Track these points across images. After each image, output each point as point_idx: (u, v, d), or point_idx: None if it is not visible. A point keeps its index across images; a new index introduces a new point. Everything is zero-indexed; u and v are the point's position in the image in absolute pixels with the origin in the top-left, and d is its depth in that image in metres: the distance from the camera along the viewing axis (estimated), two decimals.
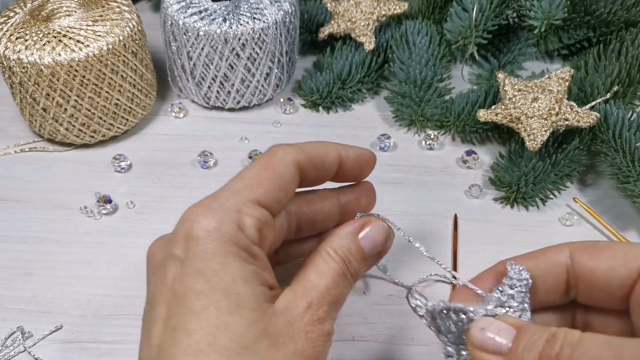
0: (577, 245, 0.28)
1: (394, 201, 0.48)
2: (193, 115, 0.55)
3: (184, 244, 0.27)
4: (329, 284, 0.28)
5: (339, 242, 0.30)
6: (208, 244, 0.26)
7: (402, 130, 0.54)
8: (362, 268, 0.31)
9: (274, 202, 0.29)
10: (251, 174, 0.29)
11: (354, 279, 0.30)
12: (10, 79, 0.47)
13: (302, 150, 0.31)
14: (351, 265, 0.30)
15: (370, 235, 0.31)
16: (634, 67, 0.50)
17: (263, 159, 0.30)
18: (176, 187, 0.48)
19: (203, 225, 0.27)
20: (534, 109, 0.46)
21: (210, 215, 0.27)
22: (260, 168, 0.29)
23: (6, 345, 0.38)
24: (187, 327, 0.25)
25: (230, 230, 0.27)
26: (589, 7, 0.56)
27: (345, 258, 0.29)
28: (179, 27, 0.50)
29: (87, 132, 0.50)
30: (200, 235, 0.26)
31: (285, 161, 0.30)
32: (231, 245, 0.26)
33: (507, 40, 0.59)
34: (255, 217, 0.28)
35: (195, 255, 0.26)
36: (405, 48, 0.55)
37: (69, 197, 0.47)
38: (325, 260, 0.29)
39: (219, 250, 0.26)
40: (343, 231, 0.31)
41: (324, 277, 0.28)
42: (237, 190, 0.28)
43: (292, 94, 0.58)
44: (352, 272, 0.30)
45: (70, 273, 0.42)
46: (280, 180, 0.29)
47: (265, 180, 0.29)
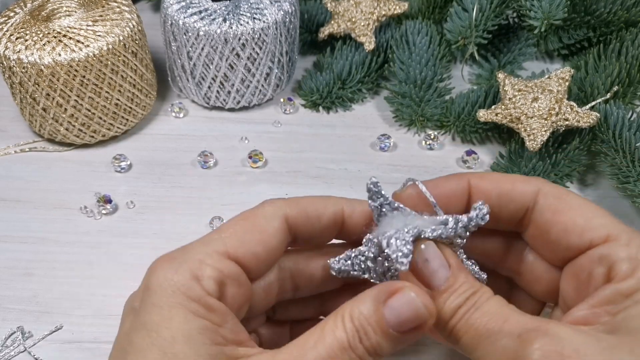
0: (548, 190, 0.28)
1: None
2: (193, 115, 0.55)
3: (141, 296, 0.26)
4: (321, 355, 0.24)
5: (358, 308, 0.25)
6: (158, 295, 0.25)
7: (402, 130, 0.54)
8: (386, 345, 0.25)
9: (250, 256, 0.27)
10: (228, 225, 0.27)
11: (371, 355, 0.24)
12: (10, 79, 0.47)
13: (295, 204, 0.29)
14: (367, 339, 0.24)
15: (397, 307, 0.24)
16: (634, 67, 0.50)
17: (247, 211, 0.28)
18: (176, 187, 0.48)
19: (159, 275, 0.25)
20: (534, 109, 0.46)
21: (168, 266, 0.26)
22: (239, 219, 0.28)
23: (6, 345, 0.38)
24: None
25: (183, 280, 0.25)
26: (589, 7, 0.56)
27: (360, 328, 0.24)
28: (179, 27, 0.50)
29: (87, 132, 0.50)
30: (153, 286, 0.25)
31: (270, 214, 0.28)
32: (180, 296, 0.24)
33: (507, 40, 0.59)
34: (217, 268, 0.26)
35: (145, 308, 0.25)
36: (405, 48, 0.55)
37: (69, 197, 0.47)
38: (332, 326, 0.25)
39: (166, 302, 0.24)
40: (366, 295, 0.25)
41: (320, 346, 0.24)
42: (208, 242, 0.27)
43: (292, 94, 0.58)
44: (368, 347, 0.24)
45: (70, 273, 0.42)
46: (260, 234, 0.27)
47: (240, 232, 0.27)
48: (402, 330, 0.24)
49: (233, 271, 0.26)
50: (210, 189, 0.48)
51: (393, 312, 0.24)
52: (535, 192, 0.28)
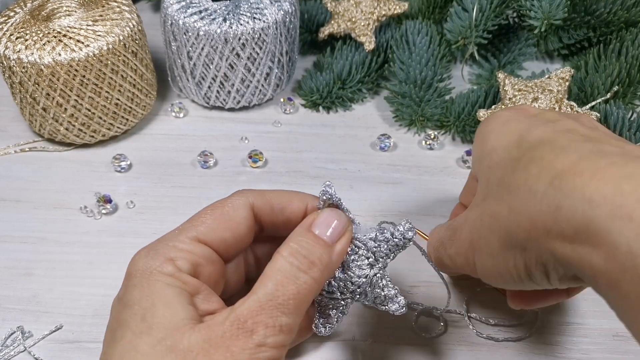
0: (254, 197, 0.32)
1: (394, 201, 0.48)
2: (193, 115, 0.55)
3: (124, 283, 0.29)
4: (269, 288, 0.27)
5: (293, 240, 0.29)
6: (137, 279, 0.28)
7: (402, 130, 0.54)
8: (327, 254, 0.29)
9: (219, 241, 0.30)
10: (199, 214, 0.31)
11: (318, 266, 0.28)
12: (10, 78, 0.47)
13: (261, 196, 0.32)
14: (311, 254, 0.28)
15: (322, 221, 0.30)
16: (634, 67, 0.50)
17: (217, 201, 0.32)
18: (176, 187, 0.48)
19: (137, 263, 0.29)
20: None
21: (145, 254, 0.29)
22: (209, 209, 0.31)
23: (6, 345, 0.38)
24: (111, 356, 0.26)
25: (158, 262, 0.28)
26: (589, 7, 0.56)
27: (301, 249, 0.28)
28: (179, 27, 0.50)
29: (87, 132, 0.50)
30: (132, 272, 0.28)
31: (237, 203, 0.31)
32: (157, 275, 0.28)
33: (507, 40, 0.59)
34: (189, 250, 0.29)
35: (127, 292, 0.28)
36: (405, 48, 0.55)
37: (69, 197, 0.47)
38: (272, 263, 0.28)
39: (145, 281, 0.28)
40: (294, 231, 0.30)
41: (267, 282, 0.27)
42: (180, 230, 0.30)
43: (292, 93, 0.58)
44: (314, 260, 0.28)
45: (70, 273, 0.42)
46: (228, 222, 0.31)
47: (208, 220, 0.30)
48: (334, 239, 0.30)
49: (205, 252, 0.30)
50: (210, 189, 0.48)
51: (321, 227, 0.30)
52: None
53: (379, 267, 0.32)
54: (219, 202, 0.32)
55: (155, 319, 0.26)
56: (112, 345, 0.27)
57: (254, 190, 0.32)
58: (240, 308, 0.26)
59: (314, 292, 0.28)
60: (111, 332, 0.28)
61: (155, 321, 0.26)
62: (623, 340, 0.39)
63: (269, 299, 0.27)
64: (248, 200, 0.31)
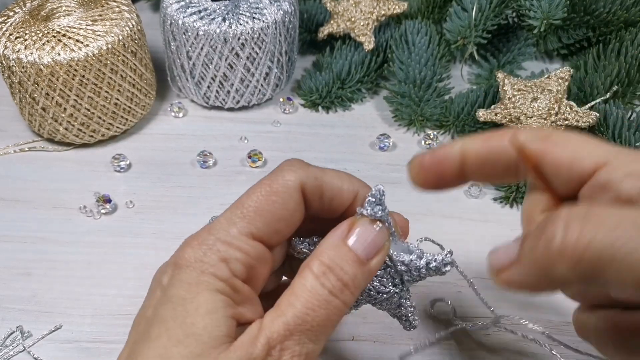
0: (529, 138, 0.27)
1: (393, 201, 0.47)
2: (192, 115, 0.55)
3: (170, 272, 0.27)
4: (299, 311, 0.25)
5: (324, 252, 0.26)
6: (186, 274, 0.26)
7: (402, 130, 0.54)
8: (361, 274, 0.27)
9: (273, 234, 0.27)
10: (251, 200, 0.27)
11: (350, 289, 0.26)
12: (10, 78, 0.47)
13: (313, 177, 0.28)
14: (345, 273, 0.26)
15: (360, 234, 0.27)
16: (634, 67, 0.50)
17: (267, 182, 0.28)
18: (175, 186, 0.48)
19: (188, 255, 0.26)
20: (534, 109, 0.46)
21: (198, 246, 0.27)
22: (260, 194, 0.27)
23: (5, 345, 0.38)
24: (141, 354, 0.25)
25: (211, 261, 0.26)
26: (589, 7, 0.56)
27: (334, 267, 0.26)
28: (179, 27, 0.50)
29: (86, 132, 0.50)
30: (182, 264, 0.26)
31: (290, 187, 0.28)
32: (208, 276, 0.26)
33: (507, 40, 0.59)
34: (244, 251, 0.26)
35: (173, 284, 0.26)
36: (405, 48, 0.55)
37: (69, 197, 0.47)
38: (302, 278, 0.26)
39: (194, 280, 0.26)
40: (327, 239, 0.27)
41: (295, 301, 0.25)
42: (233, 221, 0.27)
43: (292, 93, 0.58)
44: (347, 281, 0.26)
45: (70, 273, 0.42)
46: (282, 210, 0.27)
47: (264, 212, 0.27)
48: (370, 255, 0.27)
49: (259, 252, 0.27)
50: (210, 189, 0.48)
51: (358, 240, 0.27)
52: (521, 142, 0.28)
53: (401, 287, 0.30)
54: (269, 181, 0.28)
55: (194, 328, 0.24)
56: (144, 342, 0.25)
57: (305, 166, 0.29)
58: (270, 330, 0.25)
59: (343, 315, 0.27)
60: (146, 326, 0.26)
61: (194, 331, 0.24)
62: None
63: (298, 323, 0.25)
64: (300, 181, 0.28)
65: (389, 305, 0.31)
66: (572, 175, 0.26)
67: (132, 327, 0.27)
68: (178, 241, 0.29)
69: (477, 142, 0.28)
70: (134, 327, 0.27)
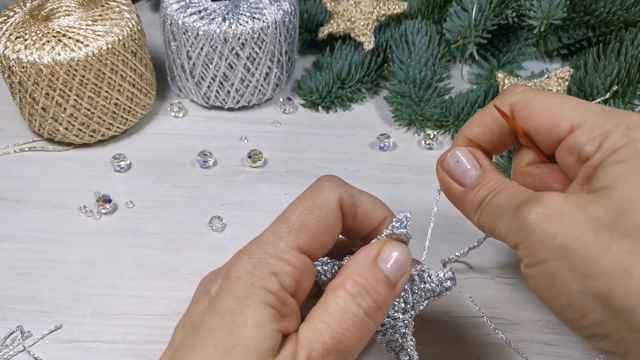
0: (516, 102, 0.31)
1: (393, 201, 0.48)
2: (192, 115, 0.55)
3: (220, 283, 0.27)
4: (337, 331, 0.25)
5: (358, 272, 0.27)
6: (236, 285, 0.26)
7: (402, 130, 0.54)
8: (391, 296, 0.27)
9: (318, 247, 0.28)
10: (295, 215, 0.28)
11: (383, 311, 0.27)
12: (10, 78, 0.47)
13: (349, 195, 0.29)
14: (379, 295, 0.27)
15: (390, 256, 0.28)
16: (634, 67, 0.50)
17: (309, 197, 0.29)
18: (175, 186, 0.48)
19: (239, 267, 0.27)
20: None
21: (248, 260, 0.27)
22: (304, 209, 0.28)
23: (6, 345, 0.38)
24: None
25: (261, 274, 0.26)
26: (589, 6, 0.56)
27: (369, 288, 0.27)
28: (179, 27, 0.50)
29: (86, 132, 0.50)
30: (232, 276, 0.26)
31: (331, 201, 0.28)
32: (258, 289, 0.26)
33: (507, 40, 0.59)
34: (294, 265, 0.27)
35: (222, 294, 0.26)
36: (405, 48, 0.55)
37: (69, 197, 0.47)
38: (336, 297, 0.26)
39: (244, 291, 0.26)
40: (359, 260, 0.28)
41: (332, 321, 0.26)
42: (280, 235, 0.27)
43: (292, 93, 0.58)
44: (381, 303, 0.27)
45: (70, 273, 0.42)
46: (325, 225, 0.28)
47: (308, 225, 0.28)
48: (397, 277, 0.28)
49: (307, 266, 0.28)
50: (210, 189, 0.48)
51: (388, 262, 0.28)
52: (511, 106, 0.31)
53: (410, 314, 0.30)
54: (310, 196, 0.29)
55: (242, 339, 0.25)
56: (190, 349, 0.25)
57: (342, 184, 0.30)
58: (309, 348, 0.25)
59: (372, 335, 0.27)
60: (193, 329, 0.26)
61: (242, 342, 0.25)
62: None
63: (335, 344, 0.25)
64: (339, 197, 0.29)
65: (393, 335, 0.31)
66: (552, 138, 0.29)
67: (176, 331, 0.27)
68: (178, 241, 0.29)
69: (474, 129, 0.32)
70: (178, 331, 0.27)
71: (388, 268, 0.27)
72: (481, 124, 0.32)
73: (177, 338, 0.27)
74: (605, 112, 0.28)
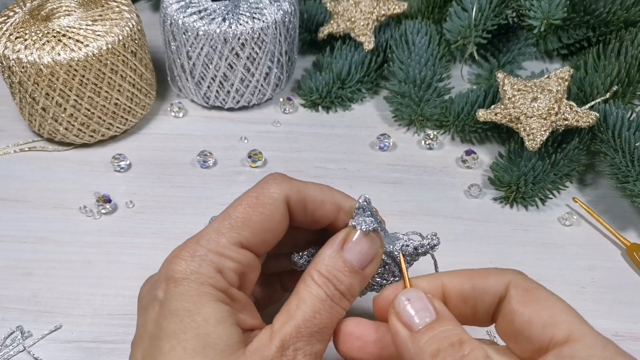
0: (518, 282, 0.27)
1: (393, 201, 0.48)
2: (192, 115, 0.55)
3: (164, 286, 0.27)
4: (307, 314, 0.27)
5: (322, 262, 0.28)
6: (185, 286, 0.26)
7: (402, 129, 0.54)
8: (356, 282, 0.29)
9: (260, 243, 0.29)
10: (238, 212, 0.28)
11: (347, 297, 0.28)
12: (10, 78, 0.47)
13: (296, 190, 0.30)
14: (341, 283, 0.28)
15: (354, 246, 0.29)
16: (634, 67, 0.50)
17: (253, 195, 0.29)
18: (175, 186, 0.48)
19: (182, 267, 0.27)
20: (534, 109, 0.46)
21: (190, 258, 0.27)
22: (247, 206, 0.28)
23: (6, 345, 0.38)
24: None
25: (208, 273, 0.27)
26: (589, 6, 0.56)
27: (332, 278, 0.28)
28: (179, 27, 0.50)
29: (86, 132, 0.50)
30: (178, 277, 0.27)
31: (276, 199, 0.29)
32: (208, 287, 0.26)
33: (507, 40, 0.59)
34: (237, 260, 0.28)
35: (172, 297, 0.26)
36: (405, 48, 0.55)
37: (69, 197, 0.47)
38: (307, 286, 0.28)
39: (195, 291, 0.26)
40: (325, 251, 0.29)
41: (303, 306, 0.27)
42: (222, 231, 0.28)
43: (292, 93, 0.58)
44: (344, 290, 0.28)
45: (70, 273, 0.42)
46: (269, 222, 0.29)
47: (251, 222, 0.28)
48: (364, 264, 0.29)
49: (250, 261, 0.28)
50: (210, 189, 0.48)
51: (352, 251, 0.29)
52: (507, 282, 0.28)
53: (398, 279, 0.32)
54: (255, 193, 0.29)
55: (209, 338, 0.25)
56: (157, 357, 0.25)
57: (288, 180, 0.30)
58: (283, 332, 0.26)
59: (342, 317, 0.29)
60: (153, 339, 0.26)
61: (211, 341, 0.25)
62: (623, 339, 0.39)
63: (307, 326, 0.27)
64: (285, 194, 0.29)
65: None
66: (542, 337, 0.26)
67: (134, 347, 0.27)
68: (178, 241, 0.29)
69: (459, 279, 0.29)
70: (136, 347, 0.27)
71: (352, 257, 0.29)
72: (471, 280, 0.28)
73: (137, 354, 0.27)
74: (601, 336, 0.25)
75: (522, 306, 0.26)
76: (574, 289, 0.42)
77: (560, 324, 0.25)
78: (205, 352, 0.25)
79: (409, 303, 0.26)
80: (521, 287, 0.27)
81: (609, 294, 0.42)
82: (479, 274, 0.28)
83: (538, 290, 0.27)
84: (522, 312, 0.26)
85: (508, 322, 0.27)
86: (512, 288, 0.27)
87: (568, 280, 0.42)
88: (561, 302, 0.27)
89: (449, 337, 0.25)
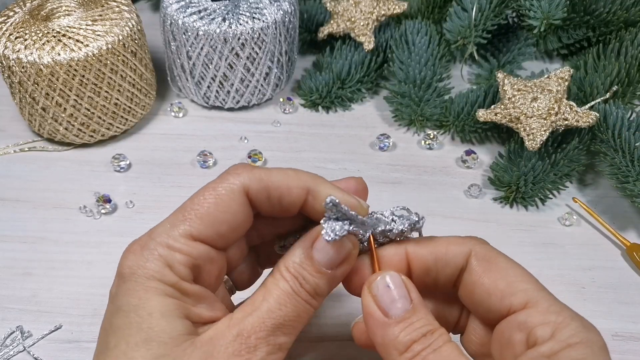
0: (478, 251, 0.28)
1: (393, 201, 0.48)
2: (192, 115, 0.55)
3: (116, 282, 0.27)
4: (272, 305, 0.27)
5: (291, 259, 0.28)
6: (132, 282, 0.26)
7: (402, 129, 0.54)
8: (323, 283, 0.28)
9: (216, 236, 0.28)
10: (193, 204, 0.28)
11: (314, 297, 0.28)
12: (10, 78, 0.47)
13: (257, 179, 0.28)
14: (306, 282, 0.27)
15: (322, 250, 0.27)
16: (633, 67, 0.50)
17: (211, 187, 0.28)
18: (175, 186, 0.48)
19: (130, 263, 0.27)
20: (534, 109, 0.46)
21: (139, 253, 0.27)
22: (203, 198, 0.28)
23: (5, 345, 0.38)
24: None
25: (155, 267, 0.26)
26: (589, 7, 0.56)
27: (298, 277, 0.27)
28: (179, 27, 0.50)
29: (86, 132, 0.50)
30: (125, 272, 0.27)
31: (232, 190, 0.28)
32: (154, 282, 0.26)
33: (507, 40, 0.59)
34: (186, 253, 0.27)
35: (121, 293, 0.27)
36: (405, 48, 0.55)
37: (68, 197, 0.47)
38: (274, 279, 0.28)
39: (141, 286, 0.26)
40: (296, 248, 0.28)
41: (269, 298, 0.27)
42: (175, 224, 0.27)
43: (292, 93, 0.58)
44: (310, 290, 0.27)
45: (70, 272, 0.42)
46: (223, 214, 0.28)
47: (204, 214, 0.27)
48: (333, 266, 0.28)
49: (202, 252, 0.27)
50: None
51: (321, 252, 0.27)
52: (467, 253, 0.28)
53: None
54: (212, 186, 0.28)
55: (152, 332, 0.25)
56: (104, 353, 0.26)
57: (249, 169, 0.29)
58: (244, 323, 0.26)
59: (312, 314, 0.28)
60: (104, 337, 0.27)
61: (153, 335, 0.25)
62: (622, 340, 0.39)
63: (272, 317, 0.26)
64: (242, 184, 0.28)
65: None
66: (501, 307, 0.27)
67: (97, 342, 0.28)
68: None
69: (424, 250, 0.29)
70: (97, 342, 0.27)
71: (320, 258, 0.27)
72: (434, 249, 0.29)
73: (96, 348, 0.27)
74: (558, 300, 0.26)
75: (481, 277, 0.27)
76: (573, 289, 0.42)
77: (518, 292, 0.26)
78: (148, 346, 0.25)
79: (387, 290, 0.27)
80: (481, 257, 0.28)
81: (609, 294, 0.42)
82: (440, 243, 0.29)
83: (497, 259, 0.28)
84: (481, 283, 0.27)
85: (468, 292, 0.28)
86: (472, 258, 0.28)
87: (568, 280, 0.43)
88: (520, 269, 0.28)
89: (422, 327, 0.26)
